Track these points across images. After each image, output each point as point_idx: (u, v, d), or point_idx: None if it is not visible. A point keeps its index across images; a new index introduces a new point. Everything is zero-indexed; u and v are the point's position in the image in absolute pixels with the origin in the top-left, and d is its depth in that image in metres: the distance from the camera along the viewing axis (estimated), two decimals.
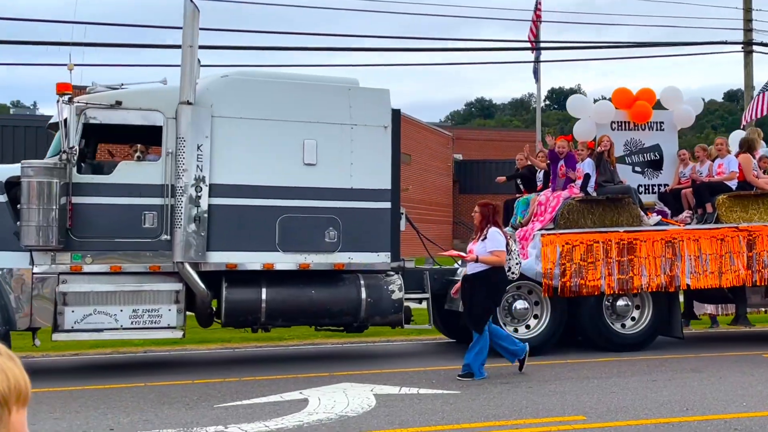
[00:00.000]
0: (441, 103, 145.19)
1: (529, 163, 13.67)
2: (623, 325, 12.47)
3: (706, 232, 12.62)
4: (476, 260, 9.55)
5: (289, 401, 8.15)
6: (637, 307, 12.60)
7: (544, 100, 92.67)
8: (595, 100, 14.46)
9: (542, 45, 24.97)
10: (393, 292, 11.18)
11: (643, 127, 14.07)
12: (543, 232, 12.11)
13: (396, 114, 11.30)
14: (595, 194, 12.52)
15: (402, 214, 11.66)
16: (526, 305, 11.98)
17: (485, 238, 9.58)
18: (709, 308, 15.26)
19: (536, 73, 25.70)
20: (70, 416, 7.61)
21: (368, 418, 7.33)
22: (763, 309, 14.34)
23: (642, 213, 12.66)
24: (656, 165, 14.14)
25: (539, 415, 7.49)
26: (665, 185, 14.06)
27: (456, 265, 12.50)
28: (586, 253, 12.06)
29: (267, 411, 7.68)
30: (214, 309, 10.82)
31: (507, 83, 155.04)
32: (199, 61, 12.52)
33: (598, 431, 6.84)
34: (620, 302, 12.43)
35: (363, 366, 10.69)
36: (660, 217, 13.11)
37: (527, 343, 10.02)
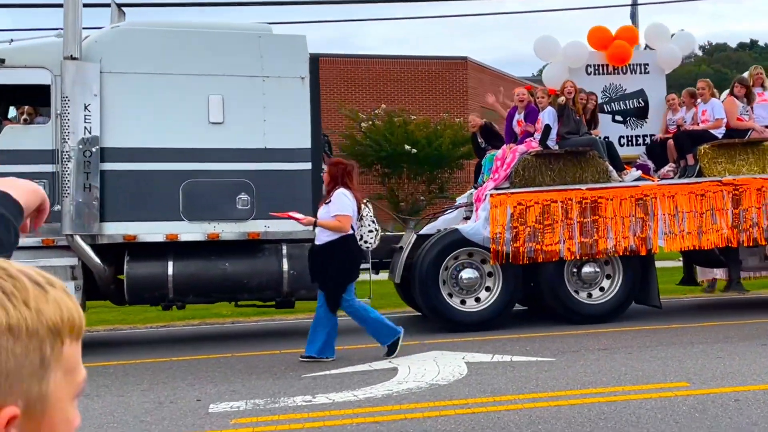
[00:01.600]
0: (533, 56, 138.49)
1: (479, 125, 12.22)
2: (590, 294, 11.14)
3: (683, 188, 11.16)
4: (314, 224, 8.39)
5: (379, 370, 7.91)
6: (608, 275, 11.25)
7: (645, 47, 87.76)
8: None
9: None
10: None
11: (624, 71, 12.51)
12: (492, 191, 10.84)
13: (314, 62, 10.11)
14: (557, 148, 11.15)
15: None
16: (475, 275, 10.75)
17: (330, 201, 8.39)
18: (719, 273, 13.78)
19: (633, 17, 23.70)
20: (158, 387, 7.55)
21: (459, 386, 7.06)
22: (759, 274, 12.78)
23: (610, 168, 11.24)
24: (640, 113, 12.59)
25: (639, 382, 7.06)
26: (651, 136, 12.53)
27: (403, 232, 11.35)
28: (542, 214, 10.74)
29: (355, 380, 7.48)
30: None
31: None
32: (123, 12, 11.49)
33: (702, 398, 6.33)
34: (587, 269, 11.09)
35: (454, 334, 10.12)
36: (639, 172, 11.65)
37: (402, 327, 8.81)
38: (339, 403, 6.57)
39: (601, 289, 11.16)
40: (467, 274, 10.72)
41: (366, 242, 8.62)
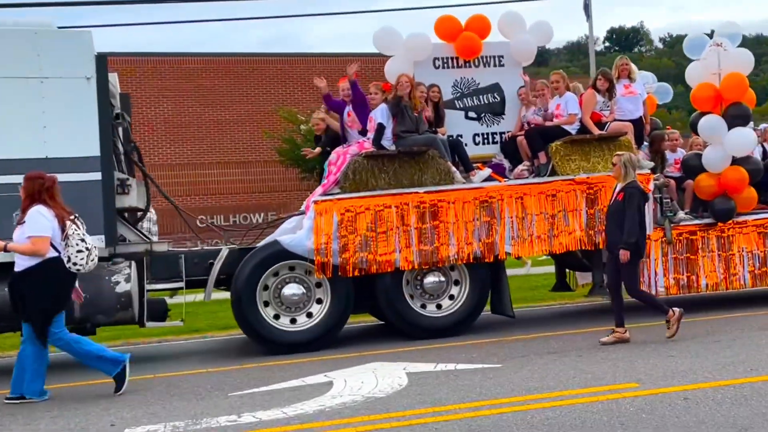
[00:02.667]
0: None
1: (327, 124, 11.13)
2: (440, 306, 10.19)
3: (533, 188, 10.29)
4: (5, 249, 7.38)
5: (312, 385, 7.58)
6: (456, 283, 10.31)
7: (603, 42, 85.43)
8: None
9: None
10: (117, 283, 9.06)
11: (476, 64, 11.57)
12: (317, 198, 9.85)
13: (101, 61, 9.05)
14: (393, 148, 10.19)
15: (127, 184, 9.45)
16: (300, 291, 9.74)
17: (25, 221, 7.38)
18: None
19: (587, 8, 22.47)
20: (69, 414, 7.06)
21: (398, 398, 6.81)
22: None
23: (453, 168, 10.31)
24: (496, 109, 11.66)
25: (587, 385, 6.92)
26: (509, 132, 11.62)
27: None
28: (375, 221, 9.78)
29: (286, 397, 7.16)
30: None
31: (561, 25, 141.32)
32: None
33: (650, 398, 6.28)
34: (430, 279, 10.15)
35: (396, 344, 9.73)
36: (489, 172, 10.73)
37: (130, 354, 7.83)
38: (266, 422, 6.29)
39: (451, 297, 10.24)
40: (291, 290, 9.71)
41: (76, 264, 7.50)
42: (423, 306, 10.12)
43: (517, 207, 10.17)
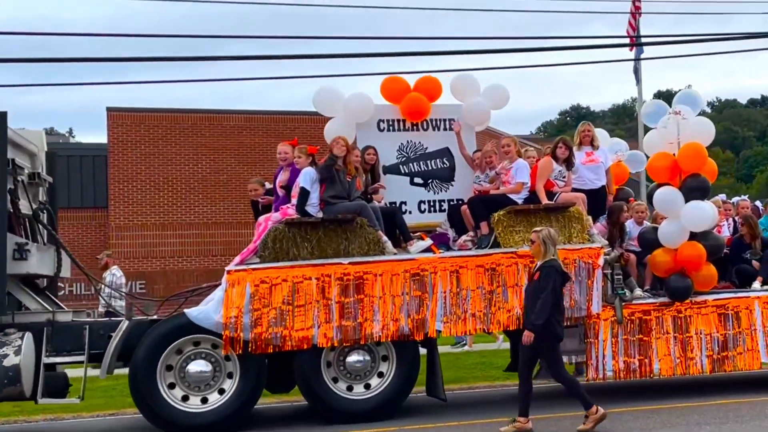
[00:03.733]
0: (531, 113, 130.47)
1: (261, 194, 10.50)
2: (368, 386, 9.40)
3: (470, 261, 9.54)
4: None
5: None
6: (385, 359, 9.52)
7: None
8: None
9: (644, 40, 21.58)
10: (6, 356, 8.46)
11: (424, 127, 10.94)
12: (231, 267, 9.19)
13: (1, 118, 8.58)
14: (320, 215, 9.53)
15: (25, 249, 8.89)
16: (207, 368, 9.02)
17: None
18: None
19: (637, 72, 22.60)
20: None
21: None
22: (577, 359, 11.06)
23: (384, 238, 9.59)
24: (445, 174, 10.99)
25: None
26: (459, 200, 10.90)
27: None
28: (292, 293, 9.08)
29: None
30: None
31: (607, 87, 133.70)
32: None
33: None
34: (353, 357, 9.38)
35: (435, 419, 9.32)
36: (431, 242, 9.99)
37: None
38: None
39: (380, 375, 9.46)
40: (196, 367, 9.00)
41: None
42: (350, 388, 9.35)
43: (451, 281, 9.42)
